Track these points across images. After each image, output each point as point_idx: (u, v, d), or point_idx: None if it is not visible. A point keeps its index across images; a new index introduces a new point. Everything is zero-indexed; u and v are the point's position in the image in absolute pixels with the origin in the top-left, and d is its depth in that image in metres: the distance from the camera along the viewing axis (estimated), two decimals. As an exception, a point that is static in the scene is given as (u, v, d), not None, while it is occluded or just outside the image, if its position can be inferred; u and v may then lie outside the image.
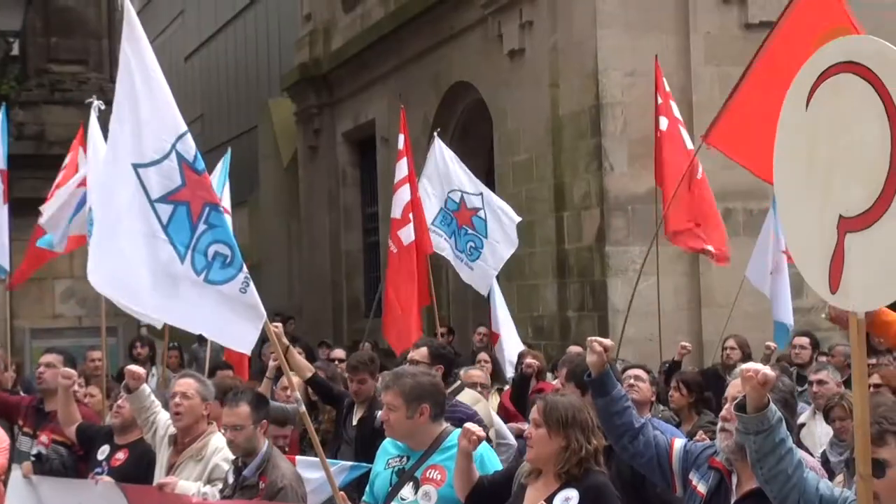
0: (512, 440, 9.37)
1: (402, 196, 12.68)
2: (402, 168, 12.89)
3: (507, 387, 12.19)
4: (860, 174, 4.00)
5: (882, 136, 3.91)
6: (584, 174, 15.34)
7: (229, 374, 10.94)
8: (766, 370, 4.42)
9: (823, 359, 11.85)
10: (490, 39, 17.37)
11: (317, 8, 26.05)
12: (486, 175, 19.01)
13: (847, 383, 10.22)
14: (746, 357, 12.43)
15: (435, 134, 13.70)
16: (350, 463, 7.89)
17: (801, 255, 4.39)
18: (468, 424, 6.22)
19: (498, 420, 9.60)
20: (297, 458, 7.68)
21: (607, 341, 5.66)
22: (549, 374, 11.60)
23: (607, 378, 5.61)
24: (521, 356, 11.74)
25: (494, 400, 11.52)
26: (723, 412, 5.18)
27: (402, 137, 13.28)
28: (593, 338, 5.67)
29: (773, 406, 4.46)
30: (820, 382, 9.73)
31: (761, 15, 15.25)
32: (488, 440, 7.23)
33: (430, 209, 13.19)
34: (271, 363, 10.13)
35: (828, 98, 4.18)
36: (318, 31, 25.82)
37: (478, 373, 9.64)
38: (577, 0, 15.50)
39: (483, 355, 12.27)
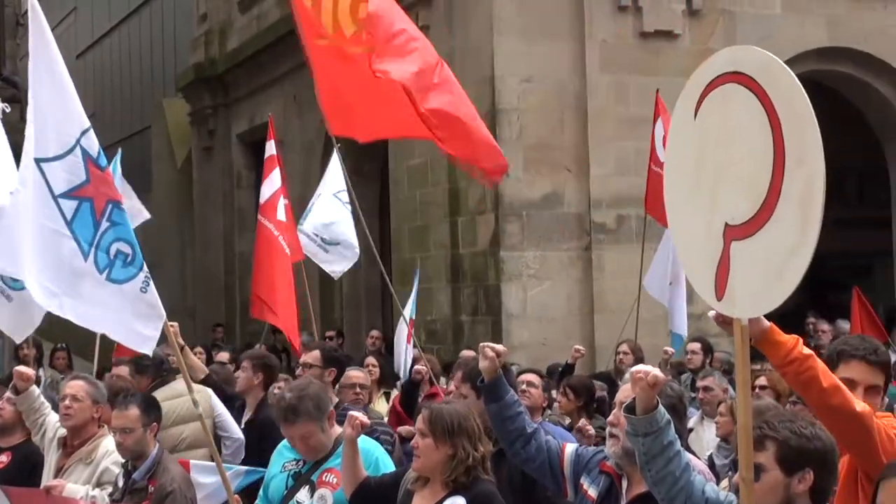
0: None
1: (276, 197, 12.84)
2: (274, 177, 12.98)
3: (394, 391, 12.20)
4: (745, 183, 4.07)
5: (765, 145, 3.98)
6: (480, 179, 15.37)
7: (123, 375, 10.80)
8: (656, 372, 4.48)
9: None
10: (387, 43, 17.35)
11: (213, 8, 25.83)
12: (381, 179, 19.03)
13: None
14: (639, 362, 12.57)
15: (335, 149, 13.63)
16: (245, 468, 7.84)
17: (689, 262, 4.46)
18: (352, 412, 6.22)
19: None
20: (193, 462, 7.61)
21: (500, 347, 5.70)
22: (443, 378, 11.61)
23: (500, 383, 5.64)
24: (414, 360, 11.76)
25: (381, 403, 11.52)
26: (610, 417, 5.23)
27: (270, 144, 13.28)
28: (486, 343, 5.71)
29: (661, 408, 4.52)
30: (706, 389, 9.90)
31: (656, 24, 15.47)
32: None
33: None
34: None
35: (715, 108, 4.24)
36: (214, 31, 25.62)
37: (357, 374, 9.60)
38: (473, 5, 15.55)
39: (370, 359, 12.24)
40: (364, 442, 6.38)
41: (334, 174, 12.97)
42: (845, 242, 21.56)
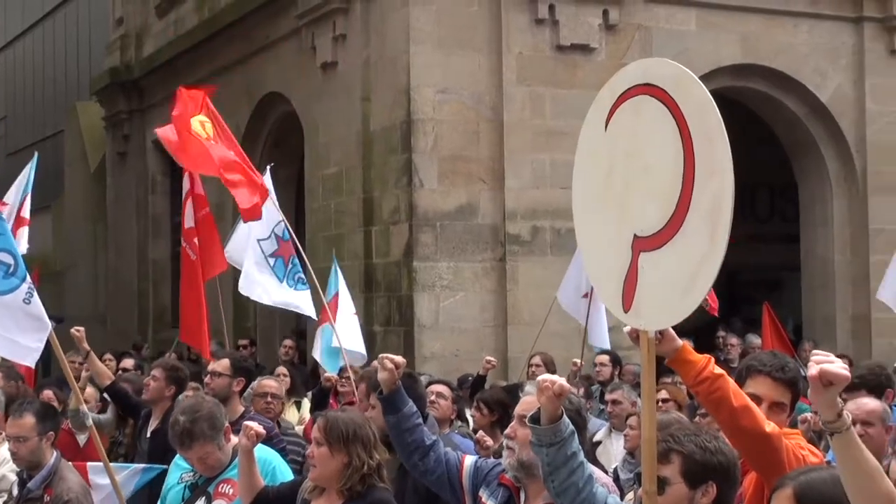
0: None
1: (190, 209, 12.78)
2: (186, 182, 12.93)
3: (304, 399, 12.14)
4: (655, 194, 4.07)
5: (675, 157, 3.98)
6: (394, 189, 15.36)
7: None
8: (562, 381, 4.48)
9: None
10: (304, 51, 17.29)
11: (129, 12, 25.57)
12: (297, 187, 18.94)
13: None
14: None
15: (268, 168, 13.54)
16: (142, 465, 7.75)
17: (596, 273, 4.46)
18: (247, 422, 6.16)
19: None
20: (90, 464, 7.50)
21: (399, 358, 5.67)
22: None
23: (398, 395, 5.62)
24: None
25: (293, 412, 11.46)
26: (507, 430, 5.24)
27: None
28: (384, 355, 5.68)
29: (566, 419, 4.52)
30: (615, 402, 9.93)
31: (573, 37, 15.52)
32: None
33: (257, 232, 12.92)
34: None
35: (626, 119, 4.24)
36: (130, 35, 25.37)
37: (270, 383, 9.54)
38: (390, 15, 15.51)
39: (281, 368, 12.15)
40: (261, 451, 6.34)
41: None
42: (756, 257, 21.86)
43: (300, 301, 12.12)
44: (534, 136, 15.32)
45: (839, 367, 3.54)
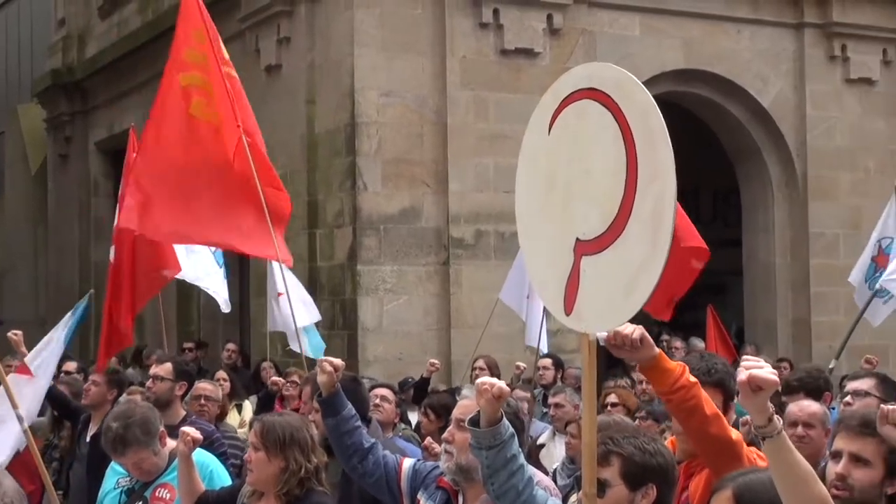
0: None
1: None
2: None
3: (246, 402, 12.10)
4: (597, 198, 4.07)
5: (618, 162, 3.99)
6: (338, 192, 15.33)
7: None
8: (501, 384, 4.49)
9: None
10: (248, 53, 17.20)
11: (72, 13, 25.35)
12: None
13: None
14: (495, 378, 12.59)
15: None
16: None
17: (538, 277, 4.46)
18: (184, 427, 6.15)
19: None
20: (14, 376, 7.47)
21: (338, 361, 5.68)
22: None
23: (337, 398, 5.63)
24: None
25: (234, 415, 11.41)
26: (445, 434, 5.25)
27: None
28: (324, 358, 5.69)
29: (506, 421, 4.53)
30: (557, 405, 9.96)
31: (517, 41, 15.57)
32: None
33: None
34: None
35: (569, 123, 4.24)
36: (73, 36, 25.14)
37: (204, 385, 9.50)
38: (334, 18, 15.48)
39: (220, 373, 12.09)
40: (199, 455, 6.32)
41: None
42: (700, 261, 21.89)
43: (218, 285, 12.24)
44: (477, 140, 15.34)
45: (768, 372, 3.59)
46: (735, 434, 4.81)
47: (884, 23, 18.14)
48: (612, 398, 9.40)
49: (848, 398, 6.78)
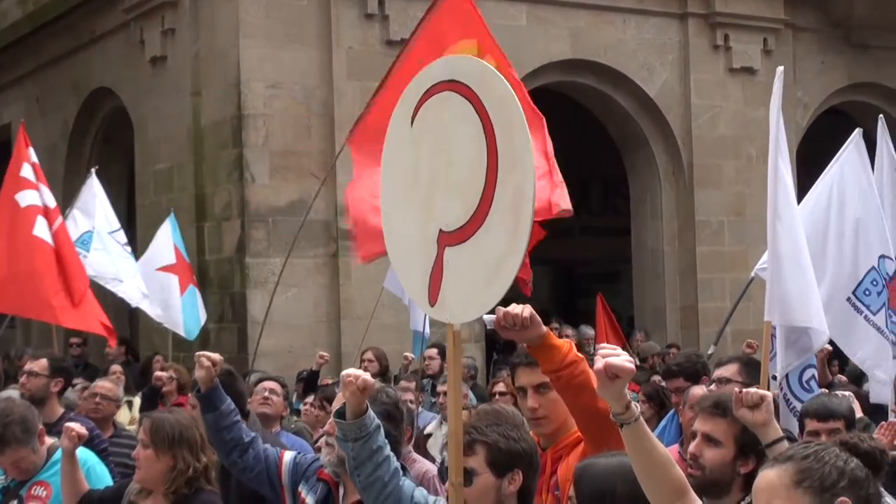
0: None
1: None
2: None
3: (136, 399, 11.99)
4: (459, 189, 4.09)
5: (479, 153, 4.00)
6: (226, 185, 15.24)
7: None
8: (366, 376, 4.50)
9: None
10: (132, 45, 17.03)
11: (-49, 5, 24.88)
12: (128, 183, 18.64)
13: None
14: (384, 369, 12.63)
15: (92, 171, 13.32)
16: None
17: (403, 267, 4.47)
18: (68, 423, 6.10)
19: None
20: None
21: (216, 356, 5.65)
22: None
23: (216, 393, 5.60)
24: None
25: (124, 412, 11.31)
26: (325, 426, 5.25)
27: (28, 151, 12.45)
28: (201, 353, 5.66)
29: (371, 413, 4.54)
30: (445, 394, 10.00)
31: (402, 32, 15.51)
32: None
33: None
34: None
35: (432, 115, 4.25)
36: (-48, 29, 24.69)
37: (104, 384, 9.39)
38: (219, 9, 15.37)
39: (115, 367, 11.97)
40: (79, 452, 6.24)
41: (102, 206, 12.77)
42: (591, 250, 22.16)
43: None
44: (365, 132, 15.29)
45: (624, 360, 3.65)
46: None
47: (764, 12, 18.44)
48: (500, 387, 9.48)
49: (713, 386, 7.03)
